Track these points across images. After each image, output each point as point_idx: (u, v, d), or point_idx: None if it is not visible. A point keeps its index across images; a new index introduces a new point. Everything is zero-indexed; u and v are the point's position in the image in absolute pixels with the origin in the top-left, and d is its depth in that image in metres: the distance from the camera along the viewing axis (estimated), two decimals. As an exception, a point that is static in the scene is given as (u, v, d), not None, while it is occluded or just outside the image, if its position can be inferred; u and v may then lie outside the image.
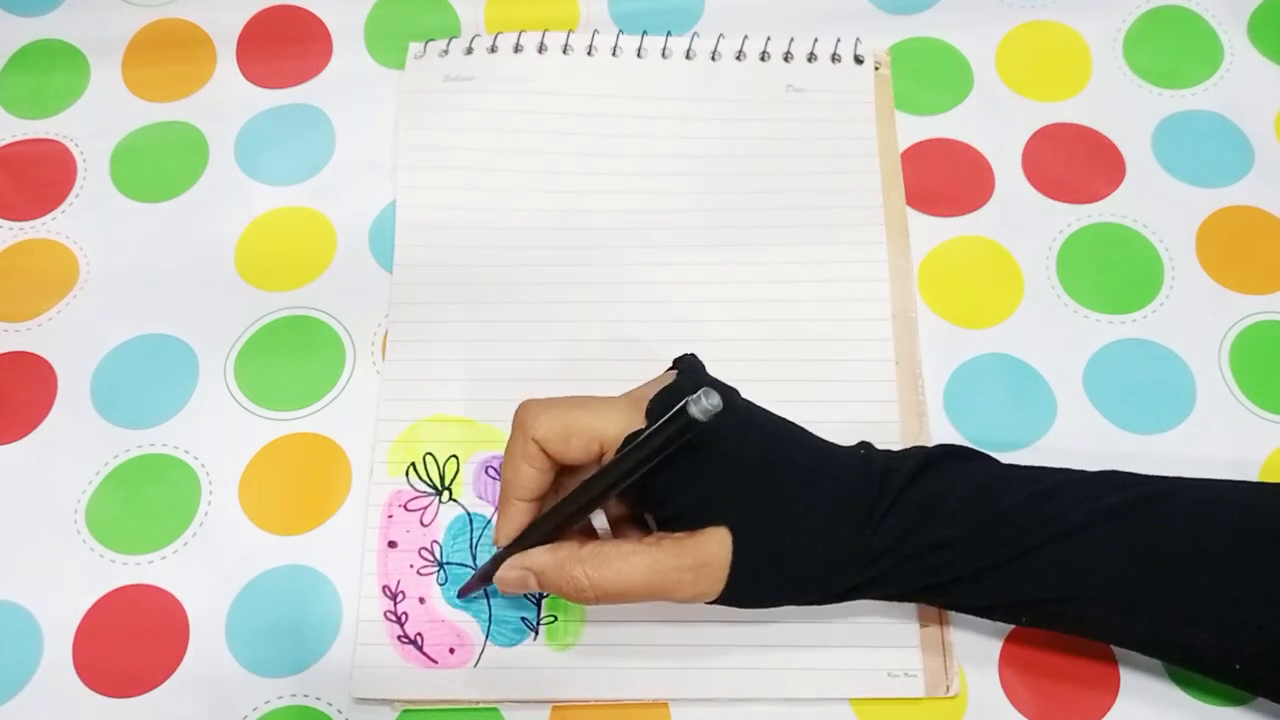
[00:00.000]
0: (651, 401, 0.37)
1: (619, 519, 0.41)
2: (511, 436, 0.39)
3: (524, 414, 0.39)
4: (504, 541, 0.40)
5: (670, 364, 0.40)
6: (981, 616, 0.41)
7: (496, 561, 0.40)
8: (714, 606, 0.39)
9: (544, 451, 0.38)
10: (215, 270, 0.51)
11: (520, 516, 0.39)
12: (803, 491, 0.38)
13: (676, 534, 0.38)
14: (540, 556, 0.38)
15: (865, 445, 0.40)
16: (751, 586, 0.38)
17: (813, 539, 0.37)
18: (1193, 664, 0.40)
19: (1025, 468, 0.40)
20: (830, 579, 0.38)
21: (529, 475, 0.39)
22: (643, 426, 0.37)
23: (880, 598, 0.40)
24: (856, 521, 0.37)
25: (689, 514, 0.38)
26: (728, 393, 0.39)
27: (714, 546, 0.37)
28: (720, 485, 0.37)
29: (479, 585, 0.43)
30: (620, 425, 0.37)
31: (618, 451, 0.37)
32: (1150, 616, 0.38)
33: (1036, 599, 0.39)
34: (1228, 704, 0.42)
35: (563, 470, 0.40)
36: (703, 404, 0.33)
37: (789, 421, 0.40)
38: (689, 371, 0.39)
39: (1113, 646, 0.43)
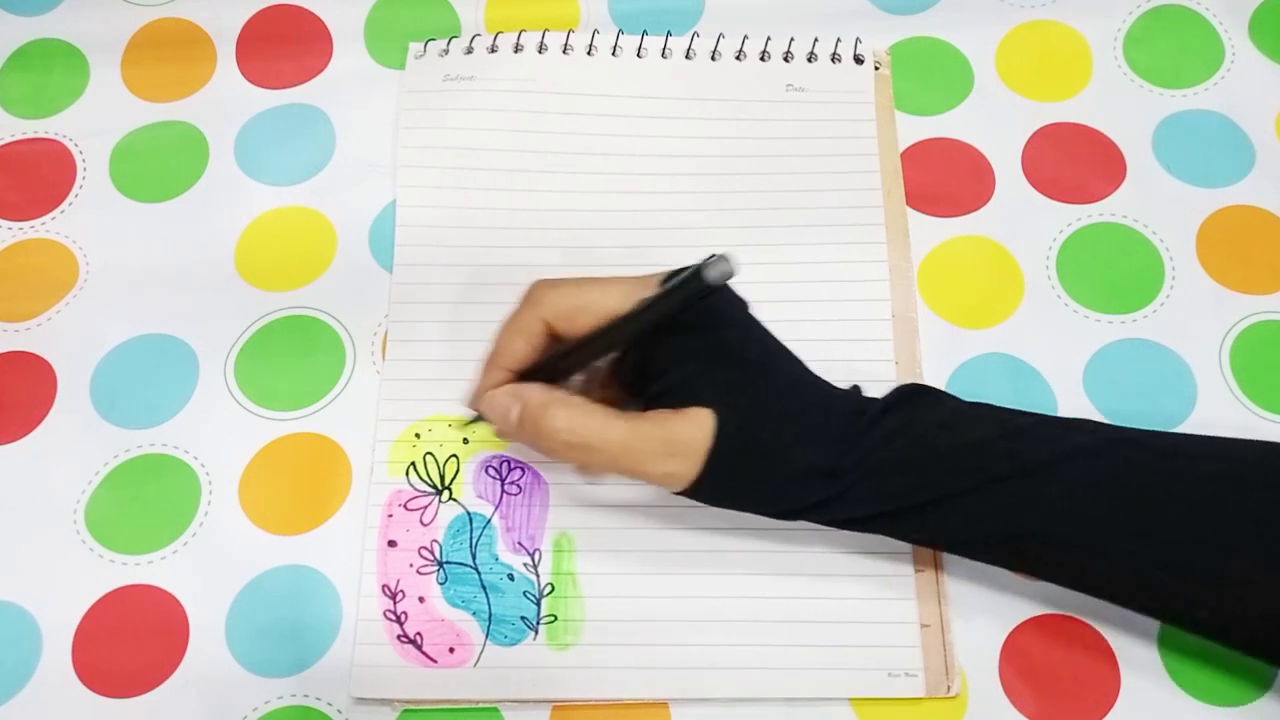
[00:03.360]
0: (667, 276, 0.38)
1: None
2: (519, 309, 0.40)
3: (537, 290, 0.40)
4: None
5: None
6: (940, 549, 0.41)
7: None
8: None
9: (549, 329, 0.39)
10: (215, 270, 0.51)
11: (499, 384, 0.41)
12: (792, 398, 0.38)
13: (661, 409, 0.38)
14: (533, 390, 0.39)
15: (855, 387, 0.41)
16: (724, 479, 0.38)
17: (791, 446, 0.38)
18: (1154, 609, 0.40)
19: (1001, 408, 0.40)
20: (798, 490, 0.38)
21: (521, 349, 0.40)
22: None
23: (842, 524, 0.39)
24: (834, 438, 0.38)
25: (679, 391, 0.38)
26: (740, 302, 0.40)
27: (696, 428, 0.37)
28: (716, 369, 0.38)
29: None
30: (630, 302, 0.38)
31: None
32: (1110, 558, 0.38)
33: (994, 534, 0.38)
34: (1230, 704, 0.42)
35: (556, 342, 0.41)
36: (719, 267, 0.32)
37: (788, 348, 0.40)
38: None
39: (1113, 647, 0.43)
